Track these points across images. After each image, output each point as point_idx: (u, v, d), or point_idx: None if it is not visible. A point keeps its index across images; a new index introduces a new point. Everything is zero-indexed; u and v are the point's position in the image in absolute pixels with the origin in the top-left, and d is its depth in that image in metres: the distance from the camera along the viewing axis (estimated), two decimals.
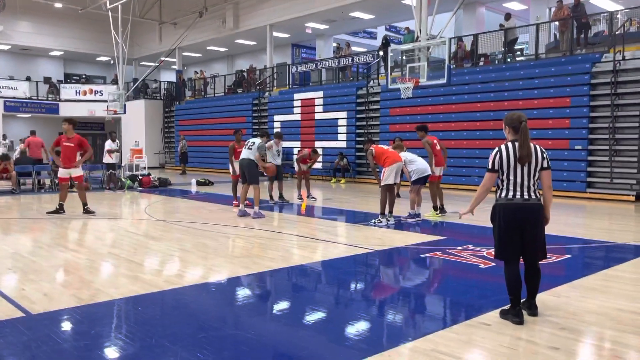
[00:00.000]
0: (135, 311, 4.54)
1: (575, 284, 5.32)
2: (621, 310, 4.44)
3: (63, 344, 3.69)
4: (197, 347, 3.61)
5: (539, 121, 14.10)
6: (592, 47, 14.81)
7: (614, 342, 3.77)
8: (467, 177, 15.58)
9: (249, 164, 9.86)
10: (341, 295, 5.11)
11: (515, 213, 4.12)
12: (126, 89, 26.45)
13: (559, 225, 8.84)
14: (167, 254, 6.88)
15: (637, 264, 6.29)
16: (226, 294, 5.15)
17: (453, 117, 16.26)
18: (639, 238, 8.07)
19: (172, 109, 29.58)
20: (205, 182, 17.65)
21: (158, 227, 8.99)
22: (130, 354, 3.53)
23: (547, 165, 4.16)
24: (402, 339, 3.80)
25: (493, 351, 3.56)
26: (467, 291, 5.17)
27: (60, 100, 30.16)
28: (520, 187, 4.12)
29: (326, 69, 22.81)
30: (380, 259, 6.79)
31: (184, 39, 25.14)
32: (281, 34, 26.09)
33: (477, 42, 17.09)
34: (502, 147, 4.18)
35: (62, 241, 7.75)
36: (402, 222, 9.33)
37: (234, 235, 8.32)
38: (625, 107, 13.15)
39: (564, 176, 13.60)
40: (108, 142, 15.85)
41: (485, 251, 6.76)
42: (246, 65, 28.45)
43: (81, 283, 5.30)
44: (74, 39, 31.16)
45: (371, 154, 9.21)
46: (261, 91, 24.21)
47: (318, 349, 3.65)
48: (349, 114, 19.54)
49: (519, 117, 4.18)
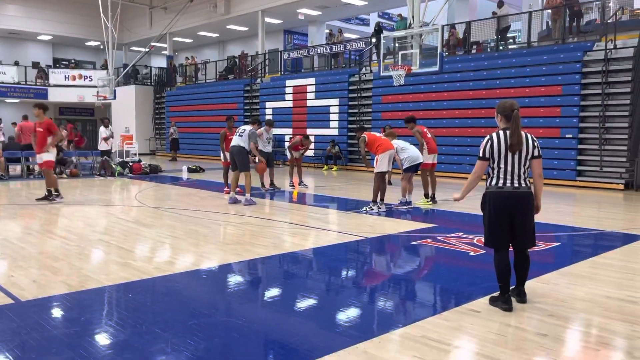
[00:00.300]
0: (125, 298, 4.53)
1: (563, 271, 5.38)
2: (609, 297, 4.49)
3: (53, 331, 3.68)
4: (188, 334, 3.62)
5: (530, 109, 14.14)
6: (584, 36, 14.83)
7: (601, 328, 3.81)
8: (458, 165, 15.63)
9: (239, 151, 9.81)
10: (332, 282, 5.13)
11: (506, 201, 4.14)
12: (116, 74, 26.18)
13: (549, 213, 8.91)
14: (158, 240, 6.86)
15: (625, 252, 6.36)
16: (217, 281, 5.15)
17: (445, 105, 16.26)
18: (627, 226, 8.16)
19: (163, 95, 29.33)
20: (196, 169, 17.58)
21: (149, 214, 8.96)
22: (120, 340, 3.53)
23: (538, 153, 4.17)
24: (392, 326, 3.82)
25: (482, 337, 3.59)
26: (457, 278, 5.21)
27: (49, 85, 29.83)
28: (511, 176, 4.13)
29: (318, 56, 22.68)
30: (371, 246, 6.82)
31: (175, 24, 24.85)
32: (273, 19, 25.87)
33: (469, 29, 17.05)
34: (494, 135, 4.18)
35: (52, 227, 7.70)
36: (393, 209, 9.36)
37: (225, 222, 8.30)
38: (615, 96, 13.21)
39: (555, 164, 13.68)
40: (102, 128, 15.72)
41: (475, 239, 6.80)
42: (238, 52, 28.23)
43: (71, 270, 5.27)
44: (63, 23, 30.72)
45: (363, 141, 9.21)
46: (253, 77, 24.05)
47: (309, 335, 3.66)
48: (341, 101, 19.48)
49: (511, 105, 4.17)
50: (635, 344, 3.52)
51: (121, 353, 3.31)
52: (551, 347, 3.45)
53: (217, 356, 3.28)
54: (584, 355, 3.39)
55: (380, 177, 9.10)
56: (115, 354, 3.31)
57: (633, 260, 5.95)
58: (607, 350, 3.44)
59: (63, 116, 33.80)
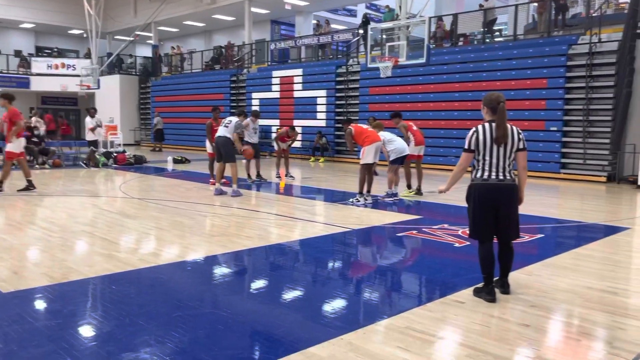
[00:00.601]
0: (109, 290, 4.49)
1: (547, 262, 5.44)
2: (590, 288, 4.55)
3: (35, 323, 3.63)
4: (172, 326, 3.60)
5: (516, 102, 14.22)
6: (569, 29, 14.92)
7: (582, 319, 3.87)
8: (444, 157, 15.70)
9: (225, 141, 9.75)
10: (318, 274, 5.13)
11: (490, 193, 4.16)
12: (100, 63, 25.84)
13: (533, 205, 9.00)
14: (143, 232, 6.81)
15: (606, 243, 6.45)
16: (202, 273, 5.13)
17: (432, 97, 16.30)
18: (609, 218, 8.27)
19: (148, 85, 29.01)
20: (181, 160, 17.46)
21: (133, 205, 8.88)
22: (104, 332, 3.50)
23: (522, 146, 4.19)
24: (377, 317, 3.84)
25: (466, 328, 3.62)
26: (441, 269, 5.24)
27: (32, 74, 29.32)
28: (496, 168, 4.15)
29: (305, 47, 22.56)
30: (357, 237, 6.83)
31: (160, 13, 24.56)
32: (260, 9, 25.65)
33: (456, 22, 17.08)
34: (479, 128, 4.20)
35: (34, 219, 7.60)
36: (379, 201, 9.38)
37: (211, 213, 8.26)
38: (599, 90, 13.34)
39: (539, 157, 13.80)
40: (87, 118, 15.49)
41: (460, 230, 6.84)
42: (224, 42, 27.97)
43: (53, 261, 5.21)
44: (45, 11, 30.16)
45: (349, 134, 9.20)
46: (239, 68, 23.88)
47: (294, 327, 3.66)
48: (328, 93, 19.43)
49: (497, 98, 4.18)
50: (615, 334, 3.57)
51: (104, 345, 3.29)
52: (533, 337, 3.49)
53: (201, 348, 3.26)
54: (565, 345, 3.44)
55: (365, 168, 9.11)
56: (98, 346, 3.29)
57: (614, 251, 6.04)
58: (588, 340, 3.49)
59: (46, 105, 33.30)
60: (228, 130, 9.77)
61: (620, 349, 3.31)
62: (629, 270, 5.37)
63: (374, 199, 9.38)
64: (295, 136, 13.15)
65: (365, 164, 9.05)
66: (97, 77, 23.27)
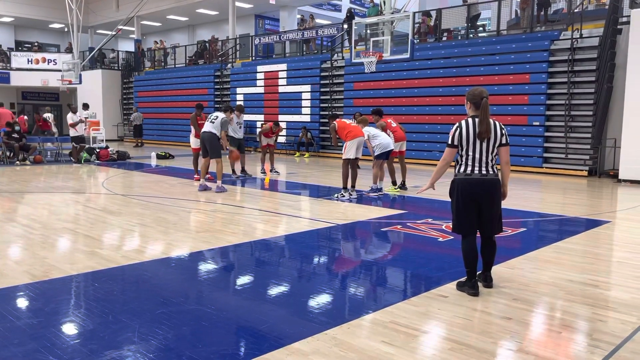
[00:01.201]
0: (92, 287, 4.45)
1: (529, 256, 5.51)
2: (571, 281, 4.62)
3: (16, 322, 3.59)
4: (156, 323, 3.58)
5: (499, 97, 14.34)
6: (552, 25, 15.07)
7: (564, 311, 3.92)
8: (428, 152, 15.79)
9: (210, 137, 9.70)
10: (303, 269, 5.13)
11: (474, 188, 4.19)
12: (82, 58, 25.47)
13: (516, 199, 9.10)
14: (126, 228, 6.75)
15: (587, 237, 6.55)
16: (187, 269, 5.10)
17: (416, 92, 16.36)
18: (590, 212, 8.39)
19: (131, 80, 28.69)
20: (165, 156, 17.32)
21: (116, 202, 8.79)
22: (87, 330, 3.47)
23: (505, 141, 4.22)
24: (361, 311, 3.86)
25: (449, 322, 3.66)
26: (425, 264, 5.28)
27: (12, 69, 28.82)
28: (479, 163, 4.18)
29: (290, 42, 22.48)
30: (342, 232, 6.84)
31: (143, 7, 24.25)
32: (244, 4, 25.49)
33: (440, 17, 17.14)
34: (462, 123, 4.22)
35: (14, 216, 7.49)
36: (364, 196, 9.40)
37: (195, 209, 8.21)
38: (581, 85, 13.50)
39: (522, 151, 13.95)
40: (69, 114, 15.26)
41: (444, 225, 6.90)
42: (208, 36, 27.76)
43: (34, 259, 5.14)
44: (25, 4, 29.61)
45: (333, 129, 9.24)
46: (223, 63, 23.72)
47: (278, 322, 3.66)
48: (313, 88, 19.40)
49: (480, 93, 4.20)
50: (595, 326, 3.63)
51: (87, 343, 3.26)
52: (515, 330, 3.53)
53: (186, 344, 3.25)
54: (547, 337, 3.49)
55: (347, 163, 9.13)
56: (81, 344, 3.25)
57: (595, 245, 6.13)
58: (568, 332, 3.55)
59: (26, 101, 32.79)
60: (214, 126, 9.71)
61: (600, 341, 3.37)
62: (610, 263, 5.46)
63: (359, 194, 9.40)
64: (280, 131, 13.13)
65: (346, 159, 9.07)
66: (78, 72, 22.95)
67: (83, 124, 15.37)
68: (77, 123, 15.07)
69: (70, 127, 15.07)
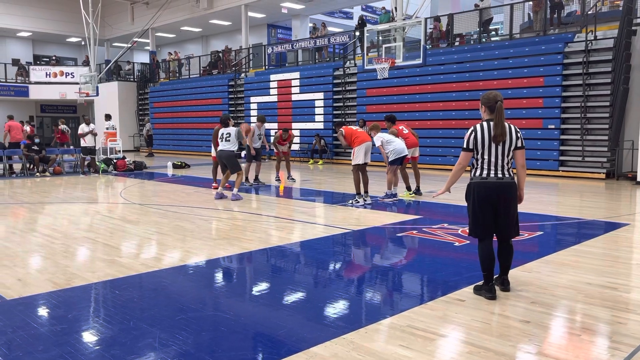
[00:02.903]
0: (112, 294, 4.52)
1: (546, 259, 5.47)
2: (590, 284, 4.58)
3: (40, 329, 3.66)
4: (176, 329, 3.63)
5: (513, 101, 14.27)
6: (565, 27, 14.98)
7: (583, 314, 3.90)
8: (443, 157, 15.75)
9: (228, 155, 9.84)
10: (319, 275, 5.16)
11: (489, 192, 4.18)
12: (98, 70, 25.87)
13: (532, 203, 9.04)
14: (144, 237, 6.84)
15: (606, 240, 6.49)
16: (204, 276, 5.16)
17: (429, 97, 16.34)
18: (608, 214, 8.30)
19: (146, 91, 29.07)
20: (181, 165, 17.49)
21: (134, 211, 8.91)
22: (108, 337, 3.53)
23: (521, 144, 4.21)
24: (378, 316, 3.87)
25: (467, 326, 3.65)
26: (442, 269, 5.27)
27: (30, 83, 29.40)
28: (495, 166, 4.17)
29: (302, 50, 22.63)
30: (357, 238, 6.86)
31: (157, 19, 24.62)
32: (256, 14, 25.73)
33: (452, 22, 17.14)
34: (477, 127, 4.22)
35: (36, 226, 7.63)
36: (379, 202, 9.41)
37: (212, 217, 8.29)
38: (596, 87, 13.39)
39: (538, 155, 13.84)
40: (82, 125, 15.50)
41: (460, 229, 6.88)
42: (221, 46, 28.05)
43: (56, 268, 5.24)
44: (42, 19, 30.25)
45: (341, 135, 9.38)
46: (237, 72, 23.94)
47: (296, 327, 3.69)
48: (326, 95, 19.48)
49: (494, 97, 4.21)
50: (615, 329, 3.60)
51: (109, 349, 3.32)
52: (534, 333, 3.52)
53: (205, 350, 3.29)
54: (566, 340, 3.47)
55: (358, 169, 9.17)
56: (103, 350, 3.32)
57: (614, 247, 6.07)
58: (588, 335, 3.52)
59: (45, 114, 33.40)
60: (230, 144, 9.85)
61: (620, 343, 3.35)
62: (629, 265, 5.40)
63: (373, 200, 9.41)
64: (291, 137, 13.23)
65: (356, 164, 9.10)
66: (95, 84, 23.30)
67: (92, 135, 15.46)
68: (87, 134, 15.22)
69: (80, 137, 15.26)
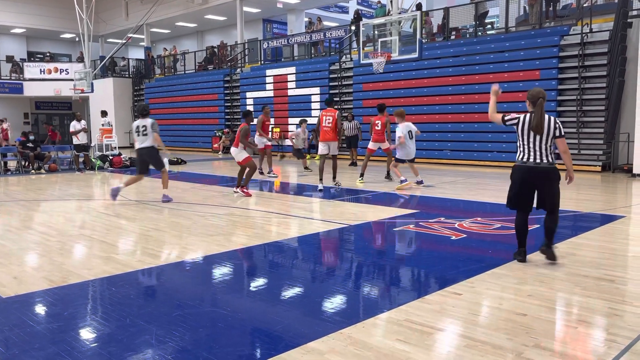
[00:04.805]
0: (109, 292, 4.51)
1: None
2: (586, 277, 4.59)
3: (36, 327, 3.65)
4: (173, 325, 3.62)
5: (509, 94, 14.24)
6: (561, 20, 14.97)
7: (580, 307, 3.91)
8: (439, 152, 15.75)
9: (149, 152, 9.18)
10: (316, 270, 5.16)
11: (526, 174, 4.89)
12: (93, 67, 25.76)
13: None
14: (141, 234, 6.82)
15: (602, 232, 6.50)
16: (201, 272, 5.15)
17: (425, 91, 16.33)
18: (605, 207, 8.32)
19: (142, 87, 28.96)
20: (177, 161, 17.45)
21: (131, 208, 8.88)
22: (105, 334, 3.52)
23: (559, 133, 4.88)
24: (376, 310, 3.87)
25: (464, 319, 3.66)
26: (439, 262, 5.28)
27: (25, 80, 29.24)
28: (533, 152, 4.86)
29: (298, 45, 22.57)
30: (354, 233, 6.86)
31: (152, 15, 24.50)
32: (252, 8, 25.63)
33: (448, 15, 17.10)
34: (522, 116, 4.93)
35: (32, 224, 7.60)
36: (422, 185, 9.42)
37: (208, 213, 8.27)
38: (592, 80, 13.39)
39: None
40: (73, 122, 15.41)
41: (457, 223, 6.88)
42: (216, 42, 27.94)
43: (52, 265, 5.22)
44: (36, 15, 30.05)
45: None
46: (232, 68, 23.86)
47: (294, 322, 3.69)
48: (322, 90, 19.44)
49: (537, 94, 4.87)
50: (612, 321, 3.61)
51: (106, 346, 3.31)
52: (531, 326, 3.53)
53: (202, 346, 3.29)
54: (563, 332, 3.47)
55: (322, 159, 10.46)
56: (100, 347, 3.31)
57: (610, 240, 6.09)
58: (585, 327, 3.53)
59: (40, 110, 33.24)
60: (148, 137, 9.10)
61: (617, 335, 3.35)
62: (625, 258, 5.42)
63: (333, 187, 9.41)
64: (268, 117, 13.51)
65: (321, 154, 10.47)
66: (90, 80, 23.21)
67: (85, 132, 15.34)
68: (79, 131, 15.11)
69: (72, 134, 15.17)
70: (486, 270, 4.81)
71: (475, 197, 9.19)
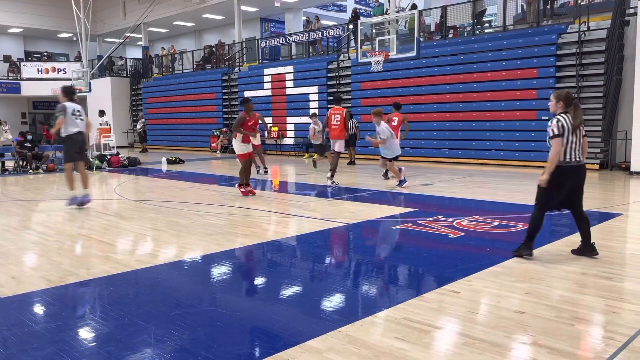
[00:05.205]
0: (107, 291, 4.51)
1: (541, 250, 5.49)
2: (584, 274, 4.61)
3: (34, 326, 3.65)
4: (172, 324, 3.62)
5: (507, 92, 14.30)
6: (558, 18, 14.99)
7: (577, 304, 3.92)
8: (437, 150, 15.76)
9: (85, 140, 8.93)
10: (315, 269, 5.16)
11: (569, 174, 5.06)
12: (91, 66, 25.73)
13: (528, 194, 9.04)
14: (139, 233, 6.82)
15: (600, 230, 6.51)
16: (200, 271, 5.15)
17: (423, 90, 16.34)
18: (602, 205, 8.34)
19: (140, 87, 28.92)
20: (175, 161, 17.44)
21: (129, 207, 8.88)
22: (103, 333, 3.52)
23: (585, 132, 5.15)
24: (374, 309, 3.88)
25: (462, 317, 3.67)
26: (437, 261, 5.28)
27: (22, 79, 29.20)
28: (574, 151, 5.01)
29: (296, 44, 22.55)
30: (352, 232, 6.86)
31: (149, 14, 24.48)
32: (249, 7, 25.61)
33: (446, 14, 17.10)
34: (561, 117, 5.00)
35: (30, 224, 7.59)
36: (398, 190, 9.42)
37: (207, 212, 8.27)
38: (589, 77, 13.42)
39: (532, 146, 13.88)
40: None
41: (455, 221, 6.89)
42: (214, 41, 27.91)
43: (50, 265, 5.22)
44: (33, 15, 29.98)
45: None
46: (230, 67, 23.84)
47: (292, 321, 3.69)
48: (320, 89, 19.44)
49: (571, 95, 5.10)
50: (609, 318, 3.62)
51: (104, 346, 3.31)
52: (529, 323, 3.54)
53: (201, 345, 3.29)
54: (560, 330, 3.48)
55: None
56: (98, 346, 3.31)
57: (608, 237, 6.10)
58: (582, 324, 3.54)
59: (37, 110, 33.18)
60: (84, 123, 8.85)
61: (615, 332, 3.37)
62: (623, 255, 5.43)
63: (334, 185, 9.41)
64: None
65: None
66: (88, 80, 23.18)
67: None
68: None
69: None
70: (484, 268, 4.82)
71: (473, 195, 9.20)
